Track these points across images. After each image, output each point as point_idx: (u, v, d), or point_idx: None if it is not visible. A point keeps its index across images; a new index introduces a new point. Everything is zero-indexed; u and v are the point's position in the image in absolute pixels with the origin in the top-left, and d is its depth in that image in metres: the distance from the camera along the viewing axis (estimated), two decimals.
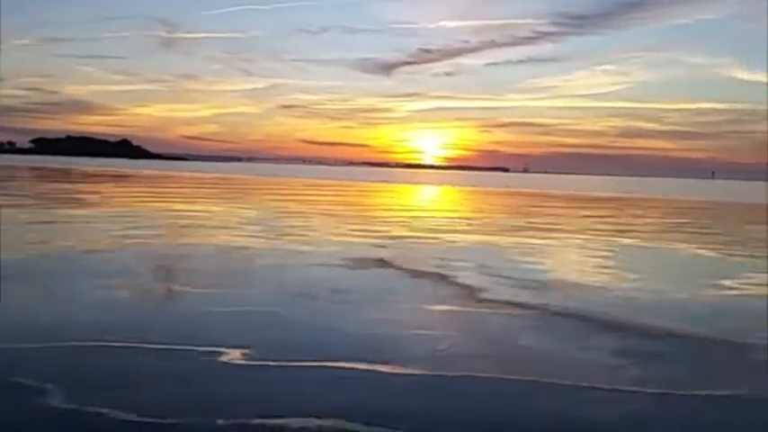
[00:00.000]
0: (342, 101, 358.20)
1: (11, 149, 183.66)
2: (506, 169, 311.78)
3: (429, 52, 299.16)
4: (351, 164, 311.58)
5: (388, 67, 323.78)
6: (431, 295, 5.50)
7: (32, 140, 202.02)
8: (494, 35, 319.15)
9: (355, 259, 7.32)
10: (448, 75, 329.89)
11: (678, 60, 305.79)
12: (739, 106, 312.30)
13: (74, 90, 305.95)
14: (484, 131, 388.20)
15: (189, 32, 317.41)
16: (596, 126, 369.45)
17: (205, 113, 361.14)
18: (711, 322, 4.88)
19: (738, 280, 6.99)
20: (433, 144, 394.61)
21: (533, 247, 9.25)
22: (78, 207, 13.75)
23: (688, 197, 36.15)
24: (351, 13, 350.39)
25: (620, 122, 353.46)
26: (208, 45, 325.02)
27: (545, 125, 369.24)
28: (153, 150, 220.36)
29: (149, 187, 25.47)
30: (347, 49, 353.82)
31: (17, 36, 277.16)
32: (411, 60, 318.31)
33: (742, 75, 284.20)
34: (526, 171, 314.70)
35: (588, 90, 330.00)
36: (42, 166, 53.83)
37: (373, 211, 16.59)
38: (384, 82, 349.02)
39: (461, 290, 5.67)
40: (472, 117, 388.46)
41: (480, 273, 6.64)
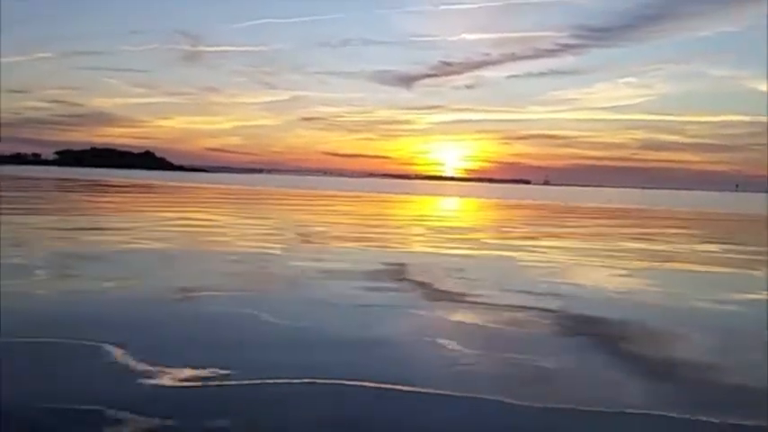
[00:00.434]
0: (362, 113, 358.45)
1: (35, 161, 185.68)
2: (528, 181, 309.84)
3: (450, 65, 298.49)
4: (371, 175, 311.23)
5: (408, 80, 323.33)
6: None
7: (57, 152, 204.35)
8: (515, 48, 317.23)
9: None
10: (469, 87, 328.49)
11: (700, 73, 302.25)
12: (762, 119, 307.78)
13: (98, 102, 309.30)
14: (505, 143, 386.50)
15: (212, 46, 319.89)
16: (618, 138, 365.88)
17: (227, 126, 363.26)
18: None
19: None
20: (453, 156, 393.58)
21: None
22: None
23: (716, 210, 34.51)
24: (371, 26, 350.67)
25: (641, 135, 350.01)
26: (230, 58, 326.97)
27: (566, 137, 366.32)
28: (175, 162, 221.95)
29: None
30: (368, 61, 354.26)
31: (41, 49, 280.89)
32: (432, 73, 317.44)
33: (764, 87, 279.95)
34: (547, 183, 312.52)
35: (609, 102, 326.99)
36: (68, 177, 53.29)
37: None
38: (404, 94, 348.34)
39: None
40: (493, 129, 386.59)
41: None
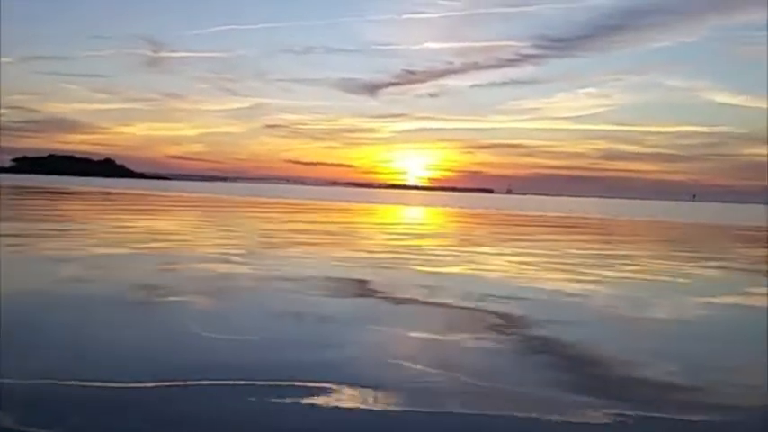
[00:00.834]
0: (326, 121, 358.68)
1: None
2: (490, 190, 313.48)
3: (413, 74, 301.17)
4: (335, 184, 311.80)
5: (372, 88, 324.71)
6: None
7: (15, 159, 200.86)
8: (477, 57, 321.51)
9: None
10: (432, 96, 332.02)
11: (658, 83, 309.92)
12: (719, 129, 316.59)
13: (57, 108, 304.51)
14: (467, 152, 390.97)
15: (174, 52, 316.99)
16: (578, 148, 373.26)
17: (190, 133, 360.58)
18: None
19: None
20: (416, 165, 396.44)
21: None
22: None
23: (673, 219, 36.37)
24: (335, 34, 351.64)
25: (601, 144, 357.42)
26: (193, 64, 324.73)
27: (528, 147, 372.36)
28: (136, 170, 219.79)
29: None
30: (331, 69, 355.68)
31: None
32: (395, 81, 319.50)
33: (721, 98, 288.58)
34: (510, 192, 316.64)
35: (570, 112, 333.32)
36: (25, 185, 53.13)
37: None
38: (368, 102, 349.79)
39: None
40: (456, 138, 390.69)
41: None
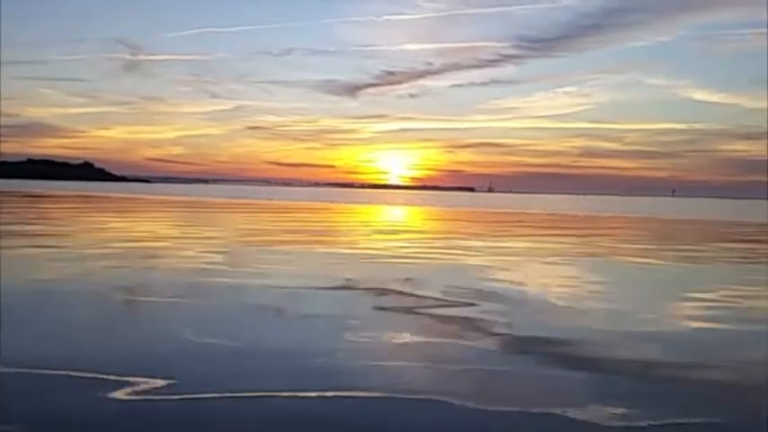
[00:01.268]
0: (307, 122, 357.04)
1: None
2: (472, 189, 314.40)
3: (393, 74, 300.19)
4: (316, 184, 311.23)
5: (352, 89, 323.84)
6: None
7: None
8: (457, 58, 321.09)
9: None
10: (412, 96, 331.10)
11: (637, 82, 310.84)
12: (697, 126, 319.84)
13: (35, 113, 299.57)
14: (448, 152, 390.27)
15: (152, 54, 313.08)
16: (558, 146, 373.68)
17: (170, 135, 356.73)
18: None
19: None
20: (398, 164, 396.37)
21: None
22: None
23: (653, 215, 36.89)
24: (314, 36, 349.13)
25: (581, 142, 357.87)
26: (172, 67, 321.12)
27: (508, 145, 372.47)
28: (116, 173, 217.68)
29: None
30: (311, 70, 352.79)
31: None
32: (375, 82, 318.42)
33: (699, 95, 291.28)
34: (491, 190, 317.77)
35: (550, 111, 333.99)
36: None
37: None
38: (348, 103, 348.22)
39: None
40: (437, 138, 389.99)
41: None
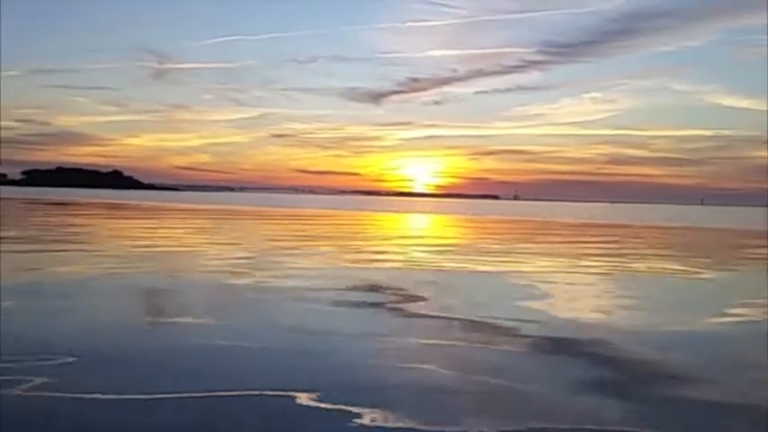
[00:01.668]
0: (332, 129, 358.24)
1: (2, 181, 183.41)
2: (496, 197, 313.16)
3: (417, 81, 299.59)
4: (342, 192, 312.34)
5: (377, 96, 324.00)
6: None
7: (24, 172, 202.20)
8: (481, 64, 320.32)
9: None
10: (437, 103, 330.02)
11: (664, 87, 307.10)
12: (725, 132, 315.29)
13: (65, 121, 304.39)
14: (473, 159, 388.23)
15: (179, 63, 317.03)
16: (584, 153, 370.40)
17: (196, 143, 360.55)
18: None
19: None
20: (423, 172, 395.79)
21: None
22: None
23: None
24: (339, 43, 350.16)
25: (607, 149, 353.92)
26: (198, 75, 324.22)
27: (533, 152, 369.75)
28: (145, 181, 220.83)
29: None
30: (336, 78, 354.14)
31: (6, 67, 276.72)
32: (400, 89, 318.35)
33: (727, 101, 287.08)
34: (516, 198, 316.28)
35: (575, 118, 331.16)
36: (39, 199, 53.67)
37: None
38: (373, 110, 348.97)
39: None
40: (461, 145, 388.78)
41: None
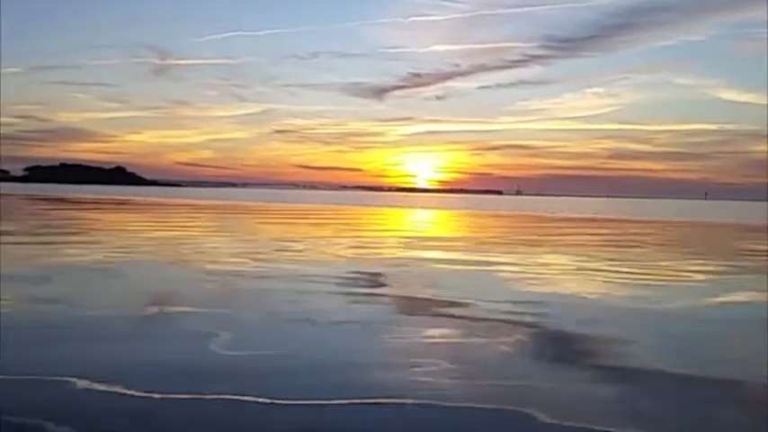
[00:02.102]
0: (334, 125, 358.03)
1: (4, 178, 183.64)
2: (500, 192, 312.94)
3: (419, 76, 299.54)
4: (344, 188, 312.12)
5: (379, 92, 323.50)
6: None
7: (26, 168, 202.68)
8: (484, 59, 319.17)
9: None
10: (439, 98, 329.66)
11: (666, 82, 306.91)
12: (728, 127, 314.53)
13: (67, 117, 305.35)
14: (476, 154, 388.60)
15: (181, 59, 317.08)
16: (587, 148, 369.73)
17: (199, 139, 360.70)
18: None
19: None
20: (425, 167, 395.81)
21: None
22: None
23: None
24: (340, 38, 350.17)
25: (610, 144, 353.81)
26: (200, 71, 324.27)
27: (536, 147, 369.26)
28: (147, 177, 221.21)
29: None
30: (338, 73, 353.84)
31: (8, 64, 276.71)
32: (402, 84, 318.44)
33: (729, 95, 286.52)
34: (519, 193, 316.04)
35: (578, 112, 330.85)
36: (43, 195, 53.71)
37: None
38: (375, 106, 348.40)
39: None
40: (464, 140, 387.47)
41: None
